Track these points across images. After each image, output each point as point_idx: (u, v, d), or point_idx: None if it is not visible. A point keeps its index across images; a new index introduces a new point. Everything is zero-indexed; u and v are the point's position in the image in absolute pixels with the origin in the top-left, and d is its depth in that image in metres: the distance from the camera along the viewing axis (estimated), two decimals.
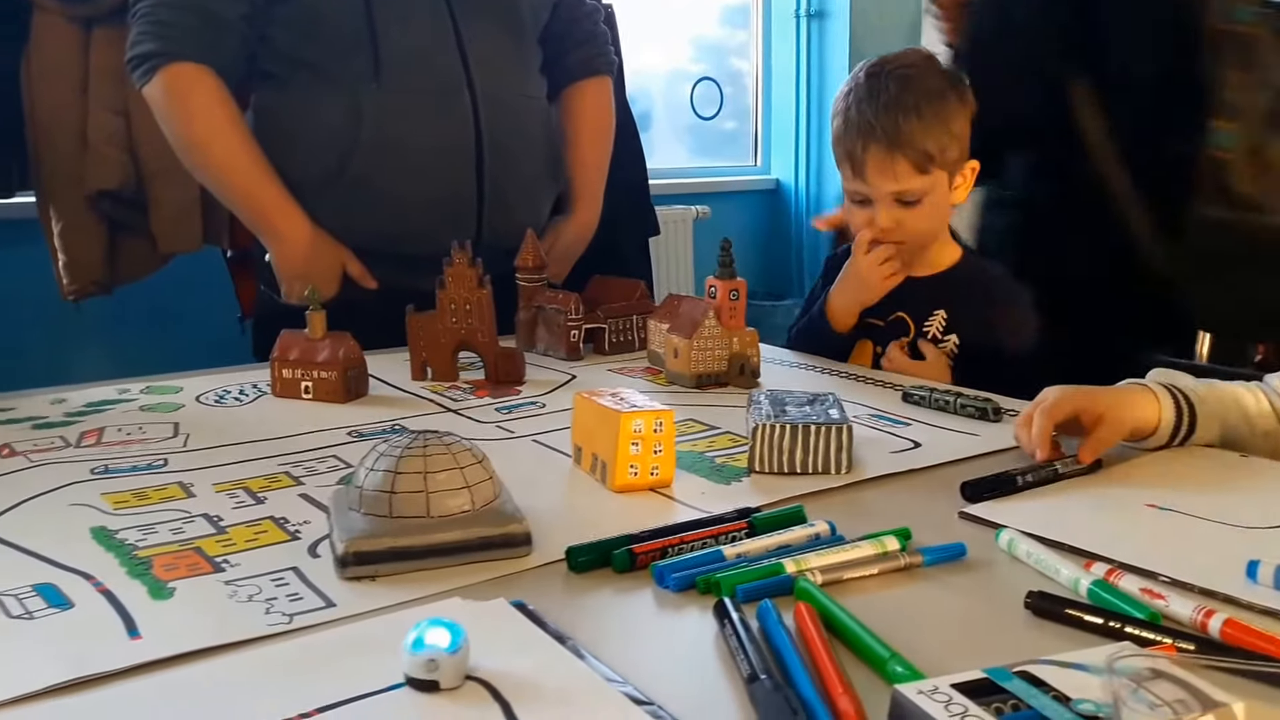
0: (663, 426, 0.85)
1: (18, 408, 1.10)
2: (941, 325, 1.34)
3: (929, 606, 0.66)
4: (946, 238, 1.39)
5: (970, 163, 1.33)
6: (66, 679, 0.56)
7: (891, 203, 1.31)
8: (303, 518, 0.79)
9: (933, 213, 1.33)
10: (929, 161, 1.28)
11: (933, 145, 1.28)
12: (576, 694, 0.56)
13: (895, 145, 1.27)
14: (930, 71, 1.32)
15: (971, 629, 0.64)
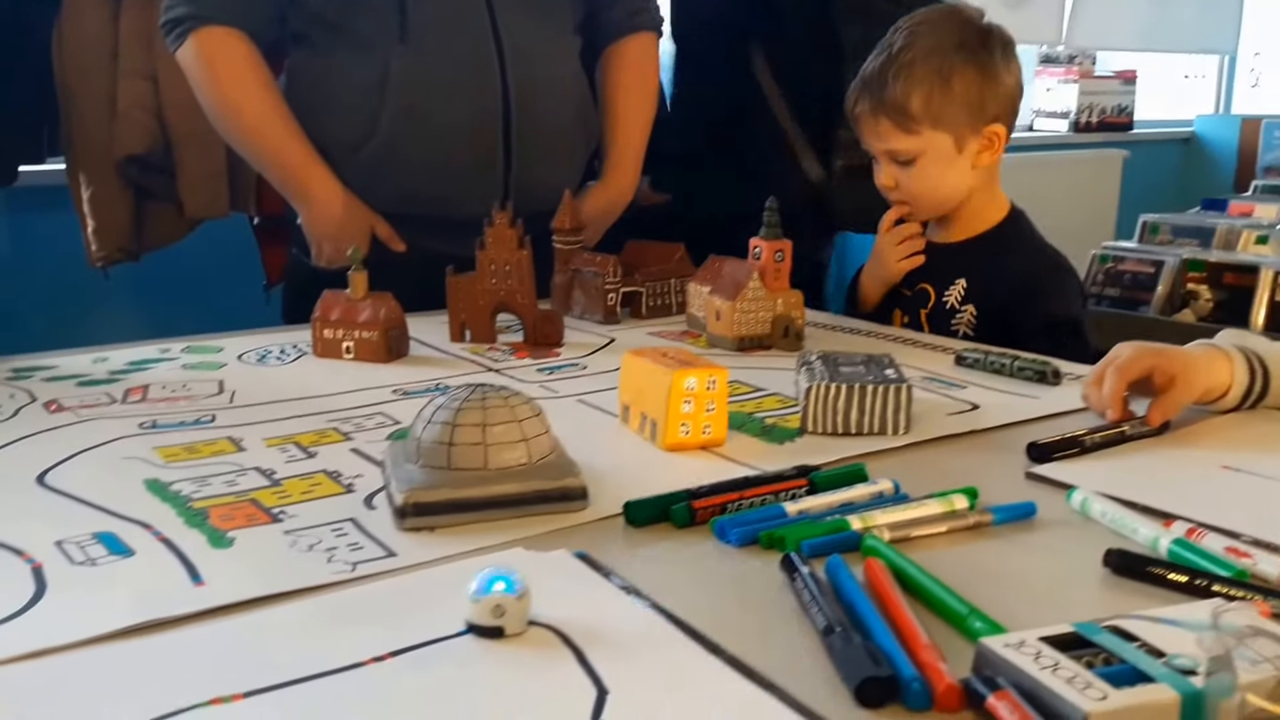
0: (716, 384, 0.84)
1: (60, 366, 1.09)
2: (960, 295, 1.31)
3: (1001, 565, 0.65)
4: (985, 202, 1.33)
5: (992, 127, 1.27)
6: (135, 622, 0.55)
7: (889, 161, 1.30)
8: (356, 471, 0.79)
9: (934, 174, 1.28)
10: (912, 121, 1.25)
11: (918, 105, 1.24)
12: (649, 642, 0.55)
13: (879, 103, 1.26)
14: (948, 28, 1.27)
15: (1046, 587, 0.63)
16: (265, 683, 0.50)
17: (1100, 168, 4.28)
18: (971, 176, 1.30)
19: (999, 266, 1.30)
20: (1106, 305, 2.33)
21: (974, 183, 1.31)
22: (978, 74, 1.25)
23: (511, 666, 0.52)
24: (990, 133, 1.28)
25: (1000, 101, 1.27)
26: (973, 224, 1.34)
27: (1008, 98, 1.28)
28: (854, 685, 0.50)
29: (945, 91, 1.24)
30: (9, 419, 0.91)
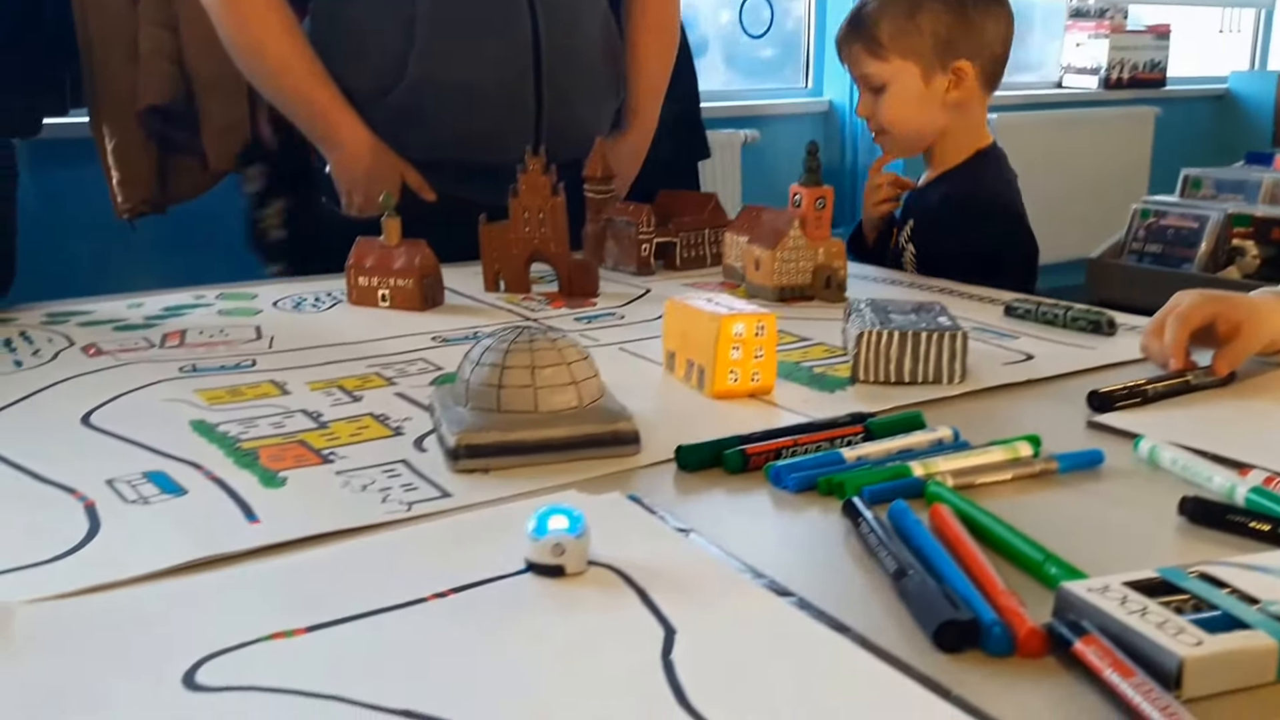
0: (764, 330, 0.83)
1: (96, 311, 1.09)
2: (908, 234, 1.38)
3: (1069, 513, 0.64)
4: (958, 144, 1.37)
5: (958, 63, 1.31)
6: (194, 558, 0.55)
7: (865, 88, 1.36)
8: (403, 415, 0.78)
9: (901, 105, 1.34)
10: (880, 47, 1.31)
11: (885, 32, 1.30)
12: (713, 583, 0.54)
13: (854, 29, 1.34)
14: None
15: (1118, 535, 0.62)
16: (326, 618, 0.50)
17: (1131, 126, 4.24)
18: (941, 114, 1.35)
19: (935, 203, 1.37)
20: (1148, 262, 2.30)
21: (945, 121, 1.35)
22: (948, 12, 1.31)
23: (574, 605, 0.52)
24: (956, 68, 1.32)
25: (972, 43, 1.32)
26: (941, 166, 1.39)
27: (982, 42, 1.33)
28: (932, 629, 0.49)
29: (913, 22, 1.31)
30: (48, 362, 0.91)
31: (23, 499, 0.62)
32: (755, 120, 3.62)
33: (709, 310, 0.82)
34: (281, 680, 0.45)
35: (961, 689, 0.45)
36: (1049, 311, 1.06)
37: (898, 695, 0.44)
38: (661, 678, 0.45)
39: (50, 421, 0.76)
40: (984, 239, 1.33)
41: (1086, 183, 4.08)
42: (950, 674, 0.47)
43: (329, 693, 0.44)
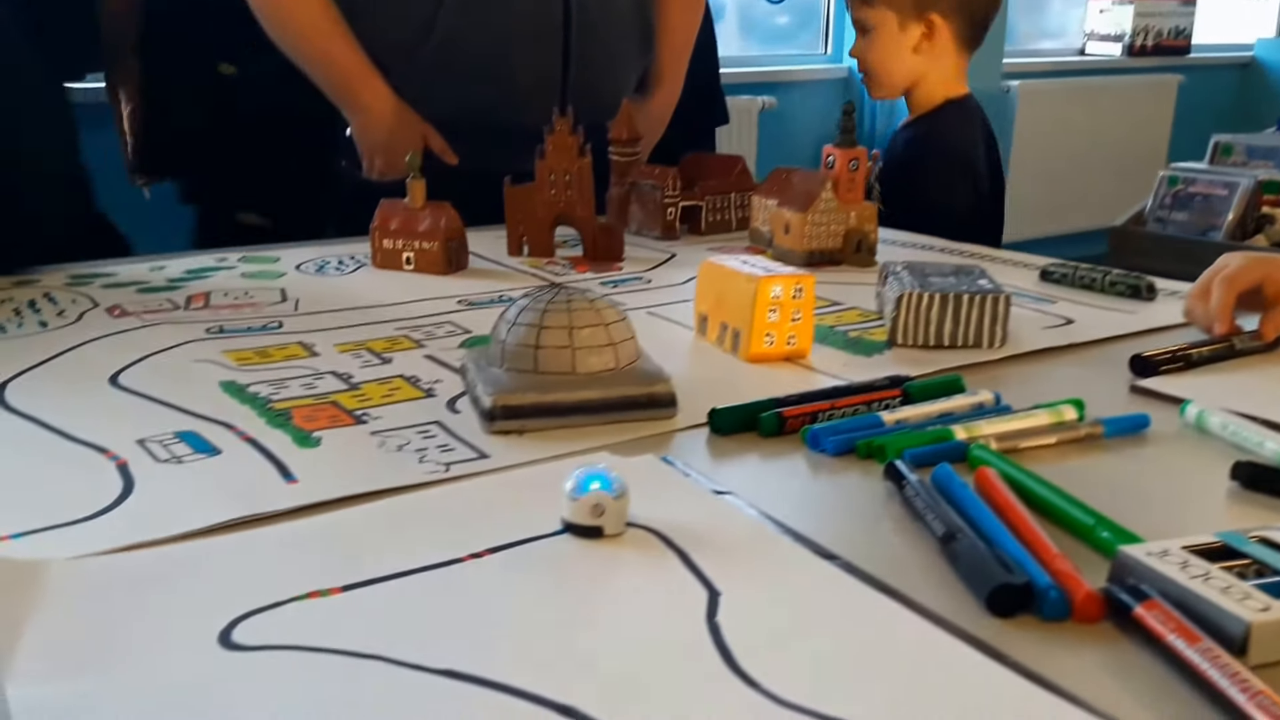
0: (803, 292, 0.81)
1: (119, 273, 1.08)
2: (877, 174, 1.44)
3: (1116, 478, 0.63)
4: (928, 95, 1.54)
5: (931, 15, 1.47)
6: (232, 517, 0.54)
7: (859, 31, 1.53)
8: (434, 377, 0.77)
9: (881, 48, 1.51)
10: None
11: None
12: (755, 546, 0.53)
13: None
14: None
15: (1168, 501, 0.61)
16: (363, 577, 0.49)
17: (1154, 94, 4.19)
18: (915, 62, 1.51)
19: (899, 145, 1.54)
20: (1174, 230, 2.28)
21: (918, 70, 1.52)
22: None
23: (614, 566, 0.51)
24: (929, 20, 1.48)
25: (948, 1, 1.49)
26: (914, 112, 1.56)
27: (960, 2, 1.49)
28: (985, 593, 0.48)
29: None
30: (73, 323, 0.90)
31: (53, 458, 0.62)
32: (773, 87, 3.58)
33: (746, 271, 0.81)
34: (318, 639, 0.44)
35: (1016, 654, 0.44)
36: (1086, 276, 1.05)
37: (952, 659, 0.44)
38: (708, 640, 0.45)
39: (78, 382, 0.75)
40: (929, 184, 1.47)
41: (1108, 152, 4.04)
42: (1003, 639, 0.46)
43: (368, 652, 0.43)
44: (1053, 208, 3.90)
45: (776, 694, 0.41)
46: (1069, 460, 0.65)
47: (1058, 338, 0.89)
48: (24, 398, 0.71)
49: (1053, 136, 3.91)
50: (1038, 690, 0.42)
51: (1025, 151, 3.83)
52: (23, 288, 1.01)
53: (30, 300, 0.96)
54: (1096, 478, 0.62)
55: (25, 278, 1.05)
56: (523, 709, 0.40)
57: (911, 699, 0.41)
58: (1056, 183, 3.94)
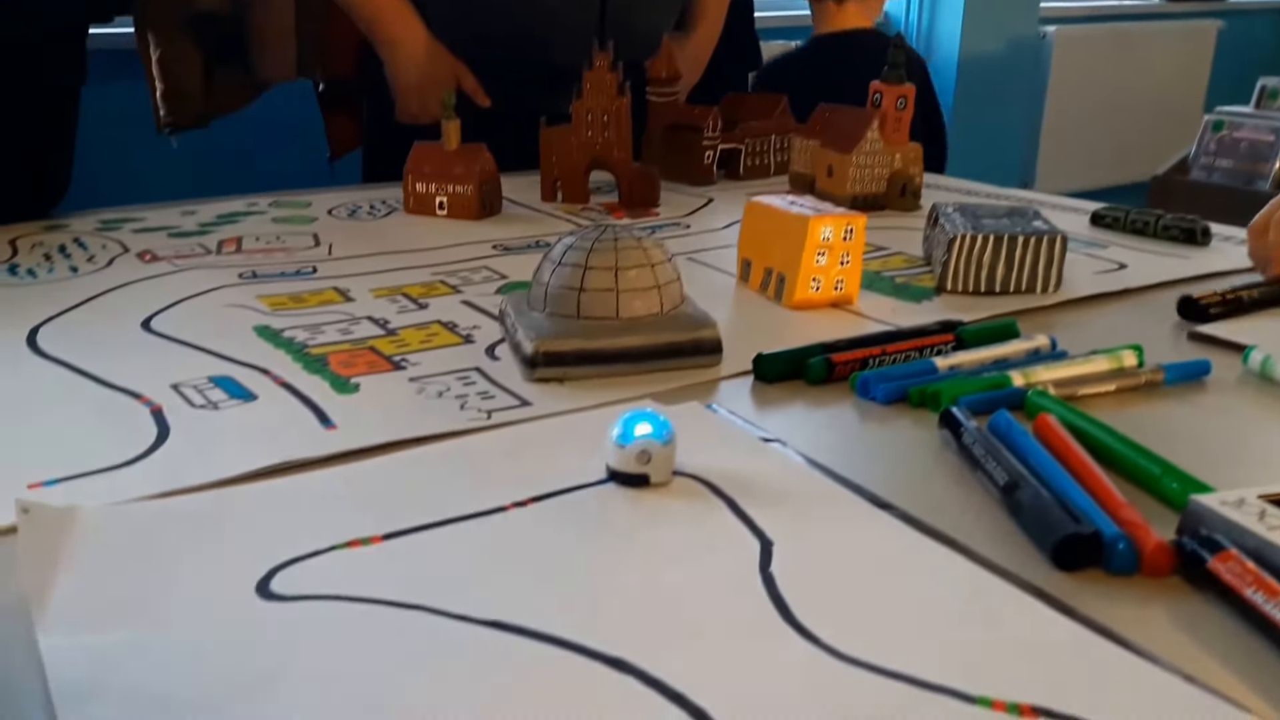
0: (853, 234, 0.79)
1: (149, 218, 1.07)
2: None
3: (1178, 426, 0.61)
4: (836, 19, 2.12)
5: None
6: (271, 463, 0.53)
7: None
8: (471, 323, 0.76)
9: None
10: None
11: None
12: (806, 495, 0.52)
13: None
14: None
15: (1234, 449, 0.58)
16: (405, 525, 0.48)
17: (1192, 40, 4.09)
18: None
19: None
20: (1219, 179, 2.22)
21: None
22: None
23: (662, 515, 0.49)
24: None
25: None
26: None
27: None
28: (1051, 545, 0.46)
29: None
30: (103, 268, 0.89)
31: (87, 404, 0.61)
32: (805, 30, 3.51)
33: (795, 211, 0.79)
34: (360, 589, 0.43)
35: (1082, 608, 0.43)
36: (1138, 220, 1.02)
37: (1018, 612, 0.42)
38: (762, 591, 0.43)
39: (110, 327, 0.74)
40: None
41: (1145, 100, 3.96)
42: (1069, 592, 0.44)
43: (411, 602, 0.42)
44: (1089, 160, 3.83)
45: (836, 648, 0.39)
46: (1129, 408, 0.63)
47: (1111, 283, 0.86)
48: (56, 343, 0.71)
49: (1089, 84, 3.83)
50: (1107, 644, 0.40)
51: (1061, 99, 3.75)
52: (52, 232, 1.00)
53: (60, 245, 0.96)
54: (1158, 426, 0.60)
55: (55, 222, 1.04)
56: (573, 662, 0.38)
57: (977, 654, 0.39)
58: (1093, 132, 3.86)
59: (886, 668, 0.38)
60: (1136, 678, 0.38)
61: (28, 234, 0.99)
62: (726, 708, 0.36)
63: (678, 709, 0.36)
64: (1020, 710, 0.36)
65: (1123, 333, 0.73)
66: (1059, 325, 0.77)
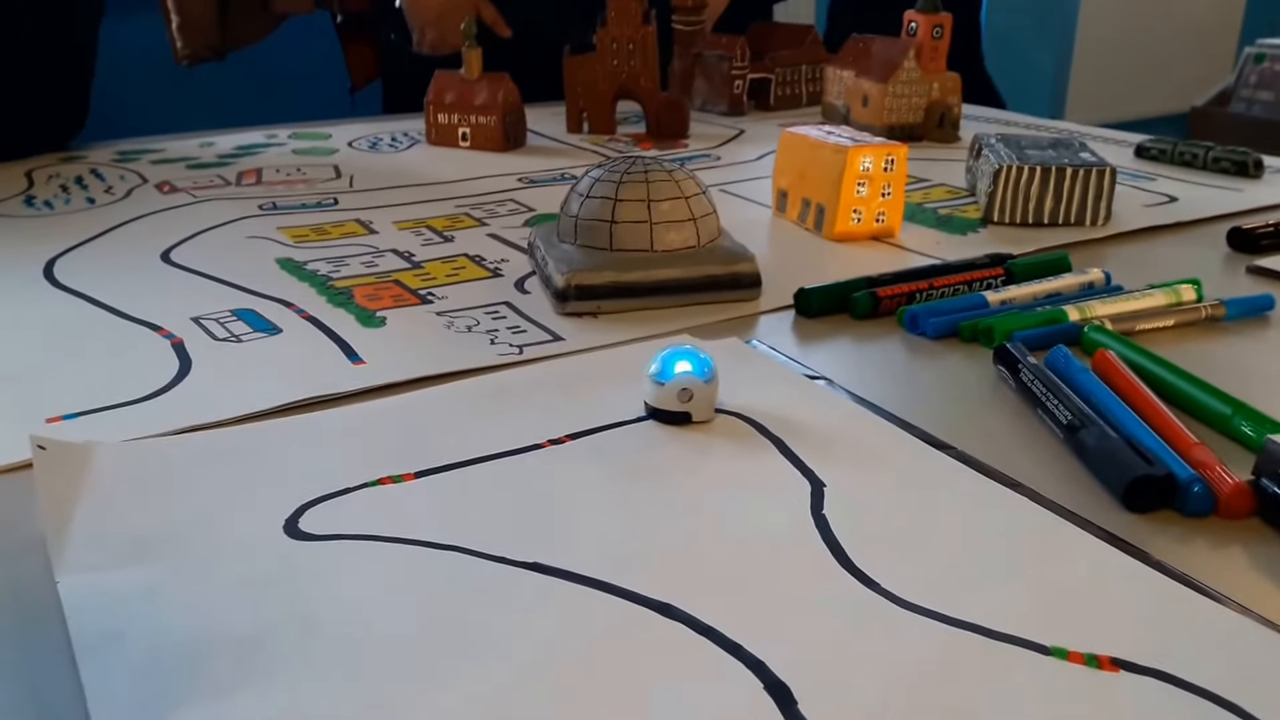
0: (894, 164, 0.76)
1: (167, 150, 1.04)
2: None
3: (1242, 362, 0.58)
4: None
5: None
6: (298, 398, 0.51)
7: None
8: (499, 256, 0.73)
9: None
10: None
11: None
12: (857, 434, 0.49)
13: None
14: None
15: None
16: (437, 462, 0.45)
17: None
18: None
19: None
20: (1259, 111, 2.16)
21: None
22: None
23: (706, 455, 0.47)
24: None
25: None
26: None
27: None
28: (1122, 487, 0.43)
29: None
30: (121, 199, 0.87)
31: (105, 336, 0.59)
32: None
33: (832, 142, 0.76)
34: (393, 529, 0.41)
35: (1156, 552, 0.40)
36: (1186, 152, 0.98)
37: (1088, 557, 0.40)
38: (815, 535, 0.41)
39: (129, 258, 0.72)
40: None
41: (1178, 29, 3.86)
42: (1142, 536, 0.42)
43: (446, 542, 0.40)
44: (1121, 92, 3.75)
45: (896, 594, 0.37)
46: (1188, 343, 0.60)
47: (1162, 216, 0.83)
48: (73, 275, 0.68)
49: (1122, 12, 3.74)
50: (1183, 590, 0.38)
51: (1093, 26, 3.66)
52: (69, 164, 0.98)
53: (77, 176, 0.93)
54: (1220, 362, 0.57)
55: (72, 154, 1.01)
56: (618, 606, 0.36)
57: (1048, 601, 0.37)
58: (1125, 62, 3.78)
59: (953, 616, 0.36)
60: (1216, 625, 0.36)
61: (44, 165, 0.97)
62: (786, 659, 0.34)
63: (734, 660, 0.34)
64: (1099, 662, 0.34)
65: (1177, 267, 0.70)
66: (1109, 259, 0.74)
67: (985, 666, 0.33)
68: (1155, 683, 0.33)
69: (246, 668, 0.33)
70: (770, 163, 0.84)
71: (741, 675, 0.33)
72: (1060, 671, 0.33)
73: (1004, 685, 0.33)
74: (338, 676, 0.33)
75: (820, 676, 0.33)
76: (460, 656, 0.34)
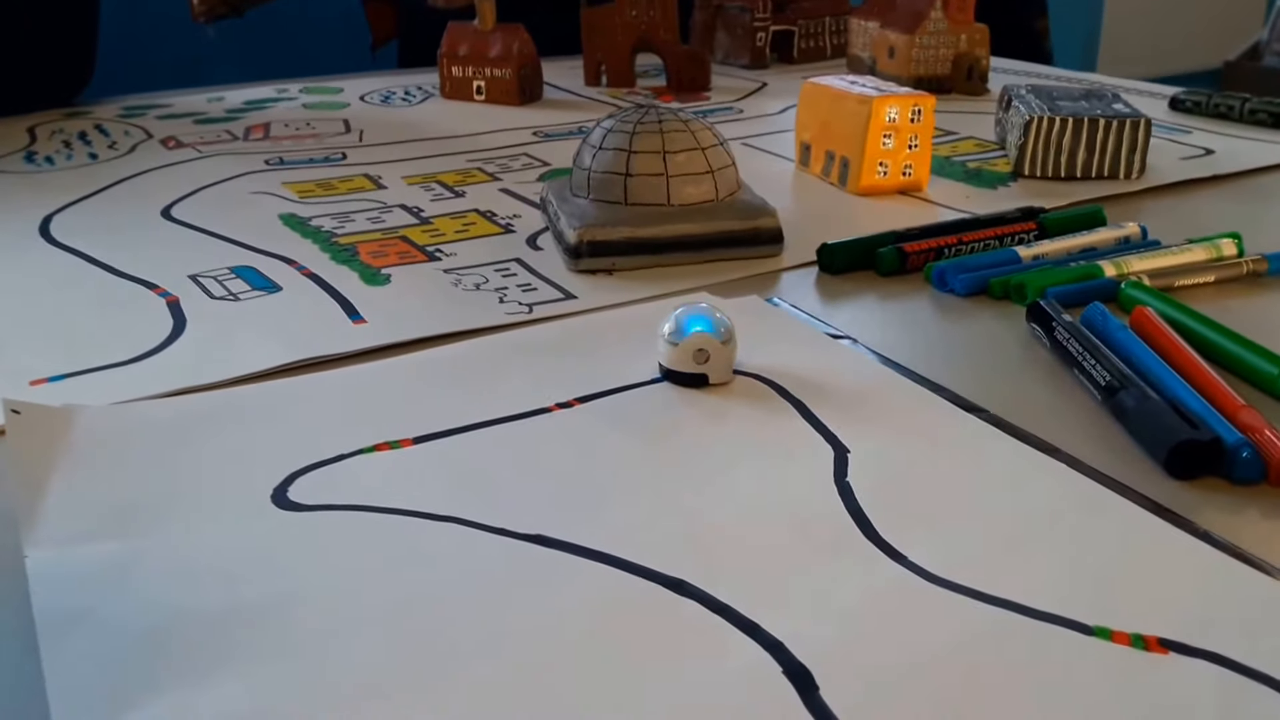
0: (921, 115, 0.72)
1: (175, 105, 1.02)
2: None
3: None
4: None
5: None
6: (293, 360, 0.48)
7: None
8: (511, 211, 0.70)
9: None
10: None
11: None
12: (882, 397, 0.46)
13: None
14: None
15: None
16: (438, 427, 0.43)
17: None
18: None
19: None
20: None
21: None
22: None
23: (722, 419, 0.44)
24: None
25: None
26: None
27: None
28: (1165, 452, 0.40)
29: None
30: (125, 155, 0.84)
31: (97, 295, 0.56)
32: None
33: (856, 92, 0.72)
34: (388, 499, 0.38)
35: (1202, 521, 0.37)
36: (1222, 104, 0.94)
37: (1133, 527, 0.37)
38: (839, 505, 0.38)
39: (128, 215, 0.70)
40: None
41: None
42: (1187, 504, 0.39)
43: (443, 513, 0.37)
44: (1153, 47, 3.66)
45: (927, 569, 0.34)
46: (1230, 299, 0.57)
47: (1199, 169, 0.79)
48: (69, 232, 0.66)
49: None
50: (1235, 563, 0.35)
51: None
52: (73, 119, 0.95)
53: (80, 132, 0.91)
54: (1264, 320, 0.54)
55: (76, 109, 0.99)
56: (628, 582, 0.34)
57: (1089, 576, 0.34)
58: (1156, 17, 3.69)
59: (988, 593, 0.33)
60: (1272, 602, 0.33)
61: (47, 121, 0.94)
62: (806, 639, 0.31)
63: (750, 640, 0.31)
64: (1146, 643, 0.31)
65: (1216, 221, 0.67)
66: (1145, 213, 0.70)
67: (1023, 648, 0.31)
68: (1208, 665, 0.30)
69: (221, 651, 0.30)
70: (793, 116, 0.81)
71: (759, 658, 0.30)
72: (1104, 653, 0.30)
73: (1043, 669, 0.30)
74: (319, 661, 0.30)
75: (844, 659, 0.30)
76: (453, 638, 0.31)
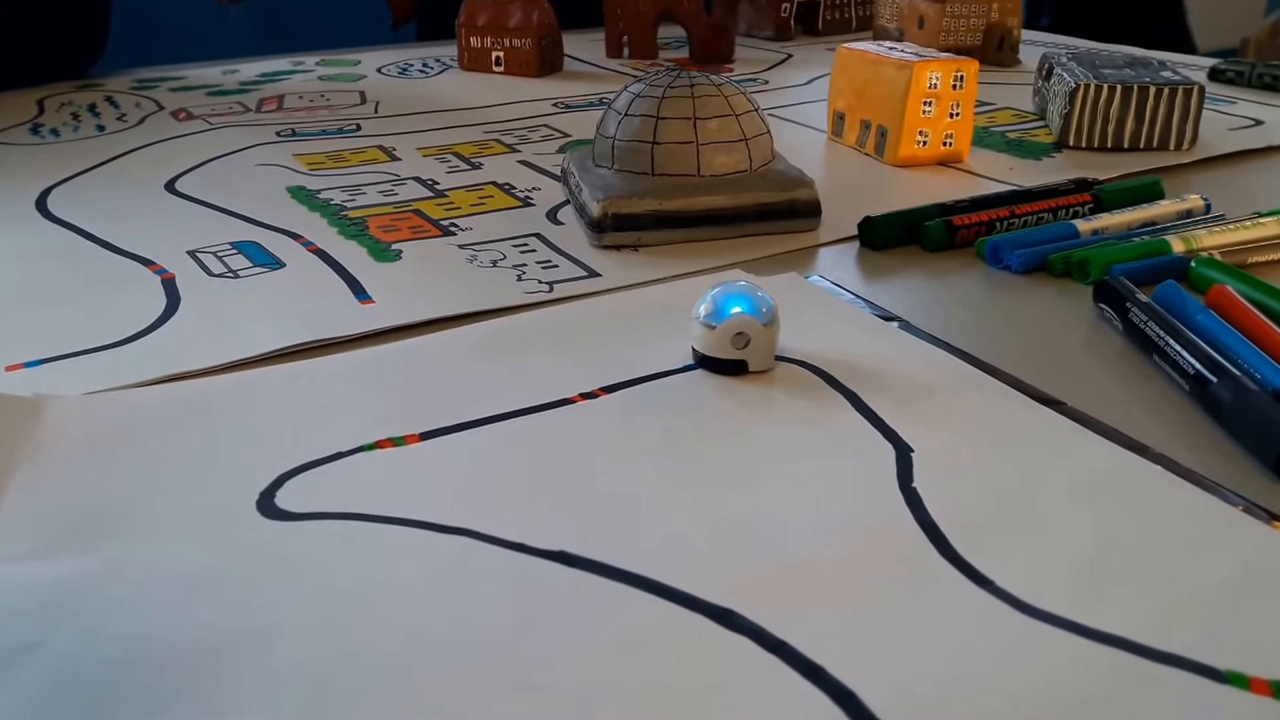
0: (964, 81, 0.66)
1: (188, 77, 0.95)
2: None
3: None
4: None
5: None
6: (292, 343, 0.42)
7: None
8: (530, 184, 0.64)
9: None
10: None
11: None
12: (944, 388, 0.40)
13: None
14: None
15: None
16: (448, 421, 0.37)
17: None
18: None
19: None
20: None
21: None
22: None
23: (767, 412, 0.38)
24: None
25: None
26: None
27: None
28: (1273, 454, 0.34)
29: None
30: (133, 126, 0.78)
31: (90, 272, 0.50)
32: None
33: (895, 58, 0.65)
34: (388, 505, 0.32)
35: None
36: (1266, 74, 0.86)
37: (1256, 547, 0.30)
38: (907, 515, 0.32)
39: (130, 188, 0.64)
40: None
41: None
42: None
43: (451, 524, 0.31)
44: None
45: (1018, 596, 0.28)
46: None
47: (1252, 139, 0.72)
48: (67, 206, 0.60)
49: None
50: None
51: None
52: (83, 92, 0.89)
53: (90, 104, 0.84)
54: None
55: (88, 81, 0.92)
56: (665, 611, 0.27)
57: (1214, 609, 0.28)
58: None
59: (1092, 626, 0.27)
60: None
61: (57, 93, 0.88)
62: (883, 688, 0.25)
63: (813, 686, 0.25)
64: None
65: (1272, 193, 0.60)
66: (1198, 185, 0.63)
67: (1139, 696, 0.24)
68: None
69: (185, 687, 0.24)
70: (822, 86, 0.74)
71: (824, 709, 0.24)
72: (1243, 706, 0.24)
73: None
74: (300, 699, 0.24)
75: (931, 712, 0.24)
76: (458, 672, 0.25)
